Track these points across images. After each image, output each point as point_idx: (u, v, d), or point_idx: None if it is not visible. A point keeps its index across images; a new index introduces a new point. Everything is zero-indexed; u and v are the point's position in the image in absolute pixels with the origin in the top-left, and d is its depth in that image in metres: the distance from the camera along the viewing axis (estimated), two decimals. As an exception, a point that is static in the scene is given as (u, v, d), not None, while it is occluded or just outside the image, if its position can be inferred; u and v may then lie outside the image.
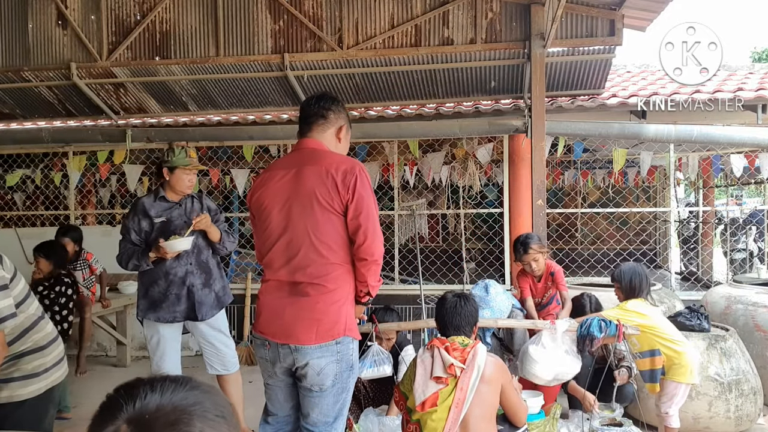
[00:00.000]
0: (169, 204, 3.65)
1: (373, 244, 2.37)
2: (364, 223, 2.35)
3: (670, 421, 3.46)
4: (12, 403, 2.20)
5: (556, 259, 6.59)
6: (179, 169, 3.58)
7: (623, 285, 3.61)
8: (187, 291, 3.56)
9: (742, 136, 5.47)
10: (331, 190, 2.36)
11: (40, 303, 2.40)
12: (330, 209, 2.37)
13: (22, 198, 9.12)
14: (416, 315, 6.26)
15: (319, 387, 2.39)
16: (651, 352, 3.47)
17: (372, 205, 2.40)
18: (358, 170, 2.39)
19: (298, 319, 2.36)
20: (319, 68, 5.64)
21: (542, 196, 4.99)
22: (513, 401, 2.72)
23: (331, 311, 2.36)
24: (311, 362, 2.35)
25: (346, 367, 2.44)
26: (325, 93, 2.84)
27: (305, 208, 2.39)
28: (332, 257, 2.38)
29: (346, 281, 2.42)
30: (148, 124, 6.79)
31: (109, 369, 5.91)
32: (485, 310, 3.96)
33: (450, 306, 2.76)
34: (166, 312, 3.54)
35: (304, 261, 2.38)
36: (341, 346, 2.39)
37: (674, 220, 10.02)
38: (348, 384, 2.49)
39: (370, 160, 7.02)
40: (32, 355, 2.26)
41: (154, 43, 5.61)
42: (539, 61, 5.01)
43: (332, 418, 2.46)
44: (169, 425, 0.80)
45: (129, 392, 0.85)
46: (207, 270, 3.66)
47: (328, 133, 2.57)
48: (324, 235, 2.37)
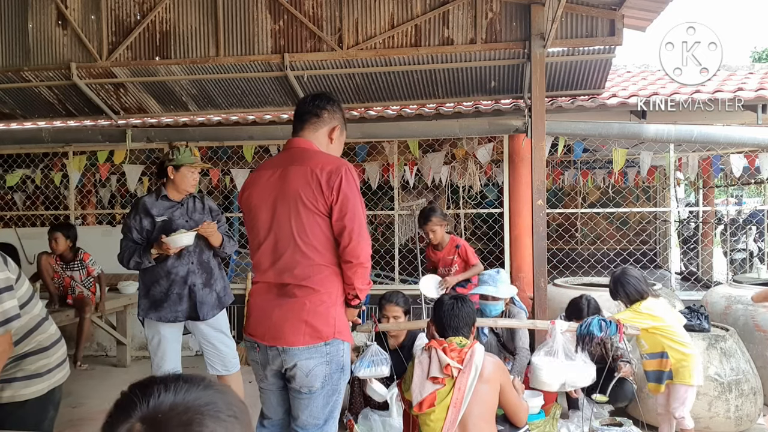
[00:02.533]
0: (171, 203, 3.65)
1: (359, 246, 2.31)
2: (349, 225, 2.30)
3: (685, 424, 3.47)
4: (14, 402, 2.20)
5: (556, 259, 6.60)
6: (185, 167, 3.60)
7: (622, 296, 3.61)
8: (188, 290, 3.57)
9: (742, 136, 5.47)
10: (315, 191, 2.32)
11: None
12: (315, 210, 2.33)
13: (22, 198, 9.12)
14: (416, 315, 6.26)
15: (309, 389, 2.36)
16: (660, 354, 3.47)
17: (358, 206, 2.34)
18: (343, 171, 2.33)
19: (285, 321, 2.33)
20: (319, 68, 5.64)
21: (542, 196, 4.99)
22: (512, 401, 2.72)
23: (319, 312, 2.33)
24: (299, 363, 2.32)
25: (336, 368, 2.39)
26: (324, 93, 2.81)
27: (290, 209, 2.36)
28: (318, 259, 2.35)
29: (333, 283, 2.37)
30: (148, 124, 6.79)
31: (109, 369, 5.91)
32: (490, 287, 4.14)
33: (447, 308, 2.78)
34: (167, 311, 3.55)
35: (291, 262, 2.36)
36: (330, 347, 2.35)
37: (674, 220, 10.02)
38: (338, 386, 2.44)
39: (370, 160, 7.02)
40: (36, 355, 2.26)
41: (154, 43, 5.61)
42: (539, 61, 5.01)
43: (322, 420, 2.42)
44: (182, 425, 0.81)
45: (143, 391, 0.85)
46: (208, 270, 3.67)
47: (320, 133, 2.52)
48: (309, 236, 2.34)
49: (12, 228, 7.17)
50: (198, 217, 3.67)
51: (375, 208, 10.93)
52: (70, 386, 4.87)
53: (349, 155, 6.66)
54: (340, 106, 2.61)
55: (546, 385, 3.29)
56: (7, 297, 2.08)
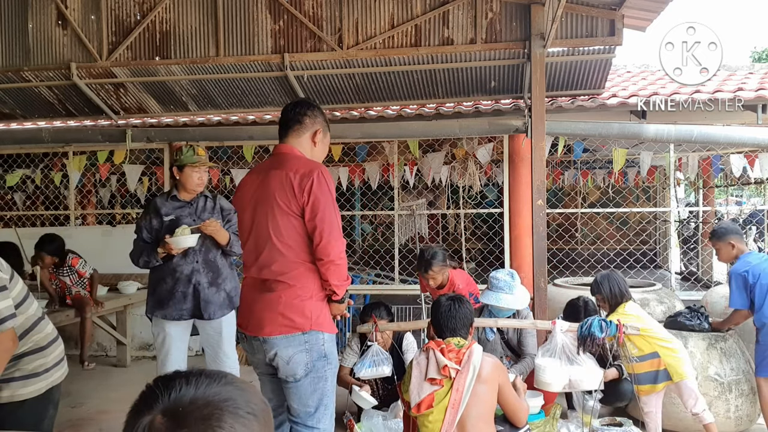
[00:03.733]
0: (180, 203, 3.68)
1: (329, 245, 2.46)
2: (319, 225, 2.47)
3: (704, 417, 3.49)
4: (12, 402, 2.21)
5: (556, 259, 6.59)
6: (188, 167, 3.62)
7: (605, 295, 3.65)
8: (193, 289, 3.59)
9: (742, 136, 5.47)
10: (289, 194, 2.50)
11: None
12: (289, 212, 2.51)
13: (22, 198, 9.13)
14: (416, 315, 6.26)
15: (293, 377, 2.52)
16: (652, 355, 3.49)
17: (329, 207, 2.49)
18: (316, 174, 2.49)
19: (264, 313, 2.53)
20: (319, 68, 5.64)
21: (542, 196, 4.99)
22: (511, 401, 2.72)
23: (294, 305, 2.50)
24: (279, 352, 2.50)
25: (318, 356, 2.53)
26: (304, 99, 3.03)
27: (268, 211, 2.55)
28: (293, 256, 2.52)
29: (308, 278, 2.53)
30: (148, 124, 6.79)
31: (109, 369, 5.91)
32: (507, 295, 3.89)
33: (444, 309, 2.78)
34: (172, 309, 3.58)
35: (269, 260, 2.55)
36: (309, 337, 2.51)
37: (674, 220, 10.02)
38: (324, 373, 2.56)
39: (370, 160, 7.02)
40: (33, 355, 2.26)
41: (154, 43, 5.61)
42: (539, 61, 5.01)
43: (312, 408, 2.56)
44: (201, 420, 0.83)
45: (166, 384, 0.89)
46: (215, 269, 3.67)
47: (304, 138, 2.69)
48: (284, 236, 2.52)
49: (12, 228, 7.17)
50: (206, 217, 3.67)
51: (375, 208, 10.94)
52: (70, 386, 4.88)
53: (350, 155, 6.66)
54: (320, 109, 2.79)
55: (549, 386, 3.29)
56: (1, 297, 2.08)
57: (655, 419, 3.58)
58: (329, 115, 6.77)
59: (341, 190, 7.52)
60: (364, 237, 13.48)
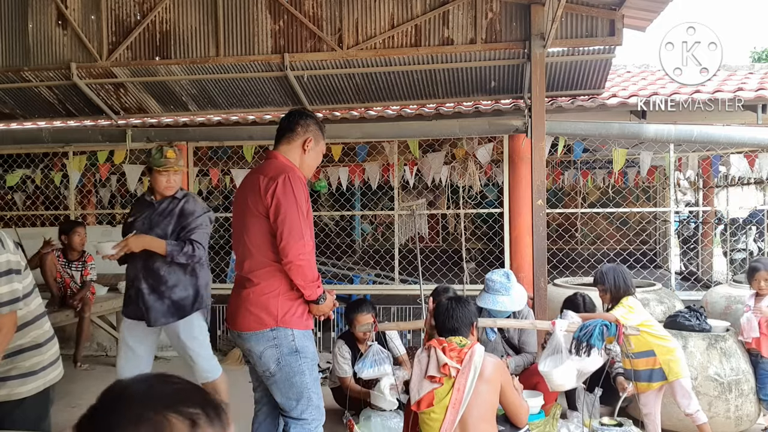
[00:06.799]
0: (148, 203, 3.61)
1: (287, 246, 2.57)
2: (280, 227, 2.58)
3: (698, 418, 3.48)
4: (11, 401, 2.21)
5: (556, 259, 6.60)
6: (155, 170, 3.52)
7: (609, 286, 3.58)
8: (136, 293, 3.54)
9: (742, 136, 5.47)
10: (257, 196, 2.65)
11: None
12: (257, 213, 2.66)
13: (22, 198, 9.12)
14: (416, 315, 6.26)
15: (267, 371, 2.66)
16: (648, 352, 3.49)
17: (290, 210, 2.59)
18: (281, 179, 2.61)
19: (238, 308, 2.70)
20: (319, 68, 5.64)
21: (542, 196, 4.99)
22: (513, 401, 2.72)
23: (259, 303, 2.63)
24: (250, 347, 2.67)
25: (289, 351, 2.64)
26: (300, 109, 3.21)
27: (242, 213, 2.75)
28: (260, 256, 2.67)
29: (274, 277, 2.65)
30: (148, 124, 6.79)
31: (109, 369, 5.90)
32: (505, 296, 3.89)
33: (443, 309, 2.78)
34: (127, 309, 3.63)
35: (242, 259, 2.74)
36: (277, 333, 2.63)
37: (674, 220, 10.01)
38: (299, 367, 2.66)
39: (370, 160, 7.02)
40: (30, 352, 2.27)
41: (154, 43, 5.61)
42: (539, 61, 5.01)
43: (294, 400, 2.68)
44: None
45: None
46: (156, 277, 3.50)
47: (294, 145, 2.84)
48: (253, 237, 2.68)
49: (12, 228, 7.17)
50: (158, 220, 3.52)
51: (375, 208, 10.94)
52: (70, 386, 4.87)
53: (350, 155, 6.66)
54: (315, 119, 2.93)
55: (564, 386, 3.27)
56: (17, 279, 2.17)
57: (654, 421, 3.58)
58: (329, 115, 6.76)
59: (341, 190, 7.53)
60: (364, 237, 13.49)
